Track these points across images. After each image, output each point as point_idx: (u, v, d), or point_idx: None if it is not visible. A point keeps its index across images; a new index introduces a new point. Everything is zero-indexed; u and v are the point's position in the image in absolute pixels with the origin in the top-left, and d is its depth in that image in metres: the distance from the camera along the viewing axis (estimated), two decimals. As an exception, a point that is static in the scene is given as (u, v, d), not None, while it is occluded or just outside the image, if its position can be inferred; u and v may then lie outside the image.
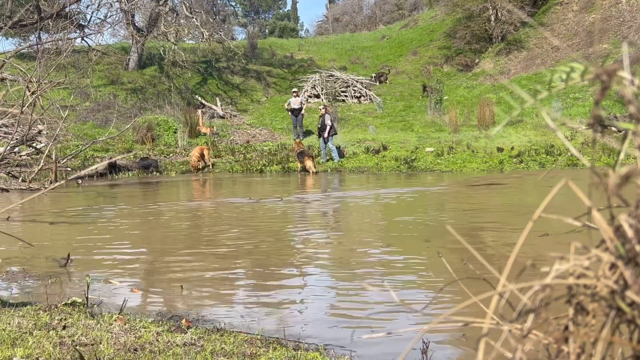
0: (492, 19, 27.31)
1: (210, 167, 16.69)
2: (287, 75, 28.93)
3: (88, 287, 3.90)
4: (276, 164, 16.74)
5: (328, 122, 16.53)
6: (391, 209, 9.10)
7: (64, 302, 3.86)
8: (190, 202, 11.23)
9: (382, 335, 3.10)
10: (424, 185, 12.37)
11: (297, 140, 17.57)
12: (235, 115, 24.56)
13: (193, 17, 25.19)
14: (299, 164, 15.77)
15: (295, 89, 21.70)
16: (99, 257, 5.83)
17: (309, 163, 15.28)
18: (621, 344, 0.64)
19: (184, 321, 3.54)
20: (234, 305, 4.21)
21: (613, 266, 0.64)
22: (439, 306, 3.99)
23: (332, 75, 26.53)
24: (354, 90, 25.76)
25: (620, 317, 0.63)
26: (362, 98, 25.50)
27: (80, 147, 14.10)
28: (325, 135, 16.55)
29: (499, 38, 27.35)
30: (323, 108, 16.96)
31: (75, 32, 23.85)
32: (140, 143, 18.88)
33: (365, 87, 25.97)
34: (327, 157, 16.73)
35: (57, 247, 6.23)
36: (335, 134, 16.99)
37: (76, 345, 2.89)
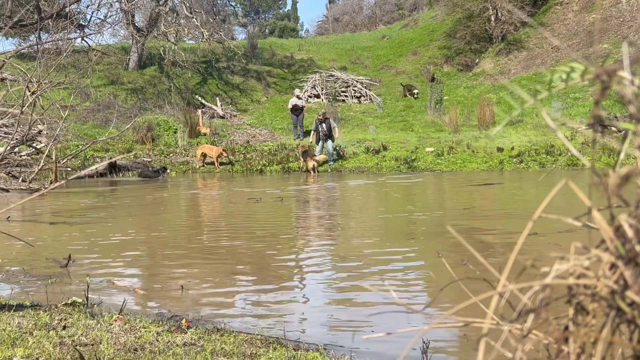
0: (492, 19, 27.30)
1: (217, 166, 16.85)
2: (287, 75, 28.92)
3: (88, 287, 3.90)
4: (276, 164, 16.74)
5: (335, 124, 16.73)
6: (390, 206, 9.10)
7: (64, 302, 3.86)
8: (191, 201, 11.24)
9: (382, 335, 3.09)
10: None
11: (302, 144, 17.56)
12: (235, 115, 24.56)
13: (193, 17, 25.18)
14: (302, 163, 15.87)
15: (297, 90, 21.67)
16: (99, 257, 5.83)
17: (311, 163, 15.40)
18: (621, 344, 0.64)
19: (184, 321, 3.54)
20: (234, 305, 4.21)
21: (613, 266, 0.64)
22: (439, 306, 3.99)
23: (332, 75, 26.53)
24: (354, 90, 25.76)
25: (621, 317, 0.63)
26: (362, 98, 25.50)
27: (80, 147, 14.11)
28: (337, 136, 16.72)
29: (499, 38, 27.34)
30: (321, 115, 16.85)
31: (75, 32, 23.85)
32: (140, 143, 18.88)
33: (365, 87, 25.97)
34: (333, 158, 16.69)
35: (57, 247, 6.23)
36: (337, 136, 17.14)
37: (76, 345, 2.89)
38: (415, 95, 24.79)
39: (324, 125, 16.55)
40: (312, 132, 16.99)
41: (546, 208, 0.70)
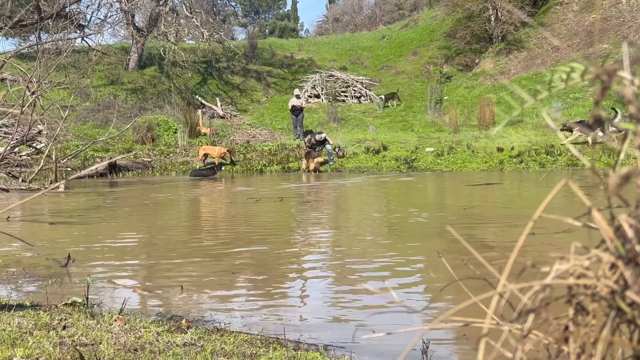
0: (492, 19, 27.31)
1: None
2: (287, 75, 28.93)
3: (88, 287, 3.90)
4: (276, 164, 16.74)
5: (322, 134, 16.87)
6: (390, 206, 9.10)
7: (64, 302, 3.86)
8: (191, 201, 11.23)
9: (382, 335, 3.10)
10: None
11: (308, 137, 17.47)
12: (235, 115, 24.57)
13: (193, 17, 25.19)
14: (303, 163, 15.88)
15: (297, 90, 21.69)
16: (99, 257, 5.82)
17: (312, 164, 15.47)
18: (621, 344, 0.64)
19: (184, 321, 3.54)
20: (234, 306, 4.20)
21: (613, 266, 0.64)
22: (439, 306, 3.98)
23: (332, 75, 26.54)
24: (354, 90, 25.77)
25: (621, 317, 0.63)
26: (362, 98, 25.51)
27: (80, 147, 14.11)
28: (331, 142, 16.84)
29: (499, 38, 27.34)
30: (307, 141, 16.79)
31: (75, 32, 23.85)
32: (140, 143, 18.90)
33: (365, 87, 25.97)
34: (333, 160, 16.73)
35: (57, 247, 6.23)
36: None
37: (76, 345, 2.89)
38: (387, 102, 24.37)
39: (313, 144, 16.52)
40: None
41: (546, 208, 0.70)
